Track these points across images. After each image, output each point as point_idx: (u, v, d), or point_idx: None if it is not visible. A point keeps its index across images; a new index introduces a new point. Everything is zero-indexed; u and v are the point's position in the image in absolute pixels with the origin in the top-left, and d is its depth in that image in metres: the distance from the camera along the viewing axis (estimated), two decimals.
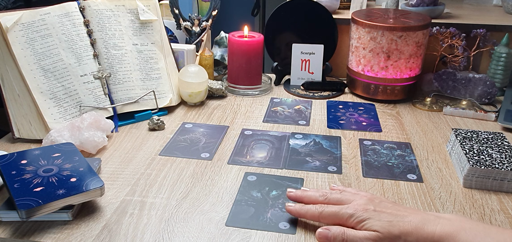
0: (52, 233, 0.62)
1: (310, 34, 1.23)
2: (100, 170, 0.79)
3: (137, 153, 0.85)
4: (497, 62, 1.14)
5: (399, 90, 1.10)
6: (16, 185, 0.64)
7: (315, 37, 1.23)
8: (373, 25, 1.05)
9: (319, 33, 1.23)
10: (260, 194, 0.72)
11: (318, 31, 1.23)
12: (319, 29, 1.23)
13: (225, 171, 0.79)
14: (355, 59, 1.12)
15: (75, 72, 0.93)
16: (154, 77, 1.03)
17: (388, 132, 0.96)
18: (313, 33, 1.23)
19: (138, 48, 1.02)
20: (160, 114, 1.02)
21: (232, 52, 1.14)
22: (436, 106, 1.08)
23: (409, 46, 1.05)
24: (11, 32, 0.86)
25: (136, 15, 1.03)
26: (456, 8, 1.42)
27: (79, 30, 0.95)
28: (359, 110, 1.06)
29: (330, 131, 0.96)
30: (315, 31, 1.23)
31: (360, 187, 0.75)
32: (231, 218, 0.66)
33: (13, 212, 0.63)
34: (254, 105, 1.09)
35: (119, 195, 0.71)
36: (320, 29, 1.23)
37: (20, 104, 0.87)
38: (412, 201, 0.71)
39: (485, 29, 1.14)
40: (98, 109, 0.94)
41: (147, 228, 0.64)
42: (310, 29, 1.23)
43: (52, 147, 0.76)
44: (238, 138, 0.91)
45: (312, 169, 0.80)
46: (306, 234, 0.63)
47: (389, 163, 0.82)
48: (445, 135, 0.95)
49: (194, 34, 1.20)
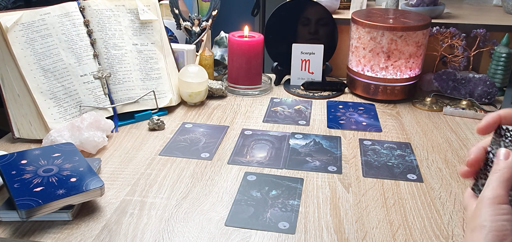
0: (52, 233, 0.62)
1: (310, 34, 1.23)
2: (100, 170, 0.79)
3: (137, 153, 0.85)
4: (497, 62, 1.14)
5: (399, 90, 1.10)
6: (16, 185, 0.64)
7: (315, 37, 1.23)
8: (373, 25, 1.05)
9: (319, 33, 1.23)
10: (260, 194, 0.72)
11: (318, 31, 1.23)
12: (319, 29, 1.23)
13: (225, 171, 0.79)
14: (355, 59, 1.12)
15: (75, 72, 0.93)
16: (154, 77, 1.03)
17: (388, 132, 0.96)
18: (313, 33, 1.23)
19: (138, 48, 1.02)
20: (160, 114, 1.02)
21: (232, 52, 1.14)
22: (436, 106, 1.08)
23: (409, 46, 1.05)
24: (11, 32, 0.86)
25: (136, 15, 1.03)
26: (456, 8, 1.42)
27: (79, 30, 0.95)
28: (359, 110, 1.06)
29: (330, 131, 0.96)
30: (315, 31, 1.23)
31: (360, 187, 0.75)
32: (230, 218, 0.66)
33: (13, 212, 0.63)
34: (254, 105, 1.09)
35: (119, 195, 0.71)
36: (320, 29, 1.23)
37: (20, 104, 0.87)
38: (412, 201, 0.71)
39: (485, 29, 1.14)
40: (98, 109, 0.94)
41: (147, 228, 0.64)
42: (310, 29, 1.23)
43: (52, 147, 0.76)
44: (238, 138, 0.91)
45: (312, 169, 0.80)
46: (305, 234, 0.63)
47: (389, 163, 0.82)
48: (445, 134, 0.95)
49: (194, 34, 1.20)
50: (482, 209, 0.41)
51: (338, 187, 0.75)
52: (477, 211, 0.41)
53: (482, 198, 0.41)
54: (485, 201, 0.41)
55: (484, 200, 0.41)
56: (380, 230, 0.64)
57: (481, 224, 0.40)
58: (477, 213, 0.41)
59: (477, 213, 0.41)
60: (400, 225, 0.66)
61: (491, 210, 0.40)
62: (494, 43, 1.15)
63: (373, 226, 0.65)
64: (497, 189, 0.41)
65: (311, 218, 0.67)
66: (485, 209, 0.40)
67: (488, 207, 0.40)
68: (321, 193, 0.73)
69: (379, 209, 0.69)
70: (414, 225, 0.66)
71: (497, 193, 0.41)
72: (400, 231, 0.64)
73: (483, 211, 0.40)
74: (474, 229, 0.40)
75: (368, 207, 0.70)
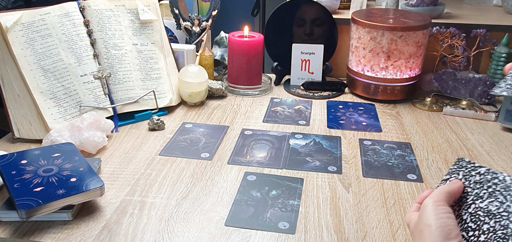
0: (52, 233, 0.62)
1: (310, 34, 1.23)
2: (100, 170, 0.79)
3: (137, 153, 0.85)
4: (497, 62, 1.14)
5: (399, 90, 1.10)
6: (16, 185, 0.64)
7: (315, 37, 1.23)
8: (373, 25, 1.05)
9: (319, 33, 1.23)
10: (260, 194, 0.72)
11: (318, 31, 1.23)
12: (319, 29, 1.23)
13: (225, 171, 0.79)
14: (355, 59, 1.12)
15: (75, 72, 0.93)
16: (154, 77, 1.03)
17: (388, 132, 0.96)
18: (313, 33, 1.23)
19: (138, 48, 1.02)
20: (160, 114, 1.02)
21: (232, 52, 1.14)
22: (436, 106, 1.08)
23: (409, 46, 1.05)
24: (11, 32, 0.86)
25: (136, 15, 1.03)
26: (456, 8, 1.42)
27: (79, 30, 0.95)
28: (359, 110, 1.06)
29: (330, 131, 0.96)
30: (315, 31, 1.23)
31: (360, 187, 0.75)
32: (230, 217, 0.66)
33: (13, 212, 0.63)
34: (254, 105, 1.09)
35: (119, 195, 0.71)
36: (320, 29, 1.23)
37: (20, 104, 0.87)
38: (412, 201, 0.71)
39: (485, 29, 1.14)
40: (98, 109, 0.94)
41: (147, 228, 0.64)
42: (310, 29, 1.23)
43: (52, 147, 0.76)
44: (238, 138, 0.91)
45: (312, 169, 0.80)
46: (305, 234, 0.63)
47: (389, 163, 0.82)
48: (445, 134, 0.95)
49: (194, 34, 1.20)
50: (425, 212, 0.47)
51: (338, 187, 0.75)
52: (421, 216, 0.47)
53: (424, 204, 0.48)
54: (428, 205, 0.47)
55: (427, 205, 0.47)
56: (380, 230, 0.64)
57: (426, 223, 0.46)
58: (421, 217, 0.47)
59: (421, 217, 0.47)
60: (400, 225, 0.66)
61: (433, 210, 0.46)
62: (494, 43, 1.15)
63: (373, 226, 0.65)
64: (437, 195, 0.48)
65: (311, 218, 0.67)
66: (428, 212, 0.47)
67: (430, 208, 0.47)
68: (321, 193, 0.73)
69: (379, 209, 0.69)
70: None
71: (437, 198, 0.47)
72: (400, 231, 0.64)
73: (427, 214, 0.46)
74: (422, 230, 0.46)
75: (368, 207, 0.70)
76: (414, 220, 0.50)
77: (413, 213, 0.52)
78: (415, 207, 0.53)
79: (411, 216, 0.52)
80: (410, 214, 0.52)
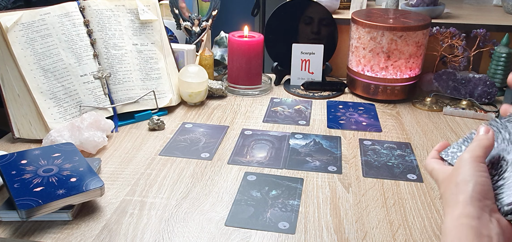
0: (52, 233, 0.62)
1: (310, 34, 1.23)
2: (100, 170, 0.79)
3: (137, 153, 0.85)
4: (497, 62, 1.14)
5: (399, 90, 1.10)
6: (16, 185, 0.64)
7: (315, 37, 1.23)
8: (373, 25, 1.05)
9: (319, 33, 1.23)
10: (260, 194, 0.72)
11: (318, 31, 1.23)
12: (319, 29, 1.23)
13: (225, 171, 0.79)
14: (355, 59, 1.12)
15: (75, 72, 0.93)
16: (154, 77, 1.03)
17: (388, 132, 0.96)
18: (313, 33, 1.23)
19: (138, 48, 1.02)
20: (160, 114, 1.02)
21: (232, 52, 1.14)
22: (436, 106, 1.08)
23: (409, 46, 1.05)
24: (11, 32, 0.86)
25: (136, 15, 1.03)
26: (456, 8, 1.42)
27: (79, 30, 0.95)
28: (359, 110, 1.06)
29: (330, 131, 0.96)
30: (315, 31, 1.23)
31: (360, 187, 0.75)
32: (230, 218, 0.66)
33: (13, 212, 0.63)
34: (254, 105, 1.09)
35: (119, 195, 0.71)
36: (320, 29, 1.23)
37: (20, 104, 0.87)
38: (412, 201, 0.71)
39: (485, 29, 1.14)
40: (98, 109, 0.94)
41: (147, 228, 0.64)
42: (310, 29, 1.23)
43: (52, 147, 0.76)
44: (238, 138, 0.91)
45: (312, 169, 0.80)
46: (305, 234, 0.63)
47: (389, 163, 0.82)
48: (445, 134, 0.95)
49: (194, 34, 1.20)
50: (463, 167, 0.44)
51: (338, 187, 0.75)
52: (457, 170, 0.45)
53: (462, 158, 0.45)
54: (466, 160, 0.44)
55: (465, 159, 0.44)
56: (380, 230, 0.64)
57: (464, 179, 0.43)
58: (458, 171, 0.44)
59: (458, 171, 0.44)
60: (400, 225, 0.66)
61: (473, 167, 0.43)
62: (494, 43, 1.15)
63: (373, 226, 0.65)
64: (476, 150, 0.45)
65: (311, 218, 0.67)
66: (467, 167, 0.44)
67: (469, 164, 0.44)
68: (321, 193, 0.73)
69: (379, 209, 0.69)
70: (414, 225, 0.66)
71: (476, 154, 0.44)
72: (400, 231, 0.64)
73: (465, 168, 0.44)
74: (458, 184, 0.43)
75: (368, 207, 0.70)
76: (437, 169, 0.49)
77: (435, 160, 0.50)
78: (434, 154, 0.51)
79: (432, 164, 0.50)
80: (431, 162, 0.50)
